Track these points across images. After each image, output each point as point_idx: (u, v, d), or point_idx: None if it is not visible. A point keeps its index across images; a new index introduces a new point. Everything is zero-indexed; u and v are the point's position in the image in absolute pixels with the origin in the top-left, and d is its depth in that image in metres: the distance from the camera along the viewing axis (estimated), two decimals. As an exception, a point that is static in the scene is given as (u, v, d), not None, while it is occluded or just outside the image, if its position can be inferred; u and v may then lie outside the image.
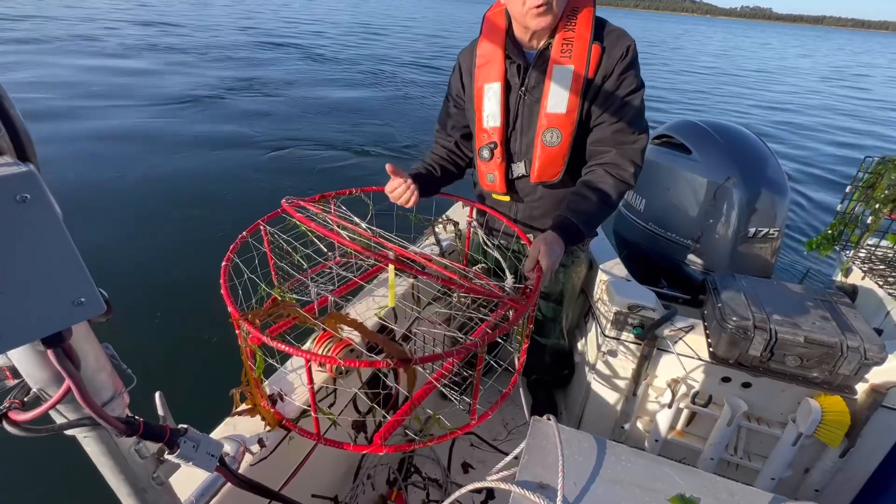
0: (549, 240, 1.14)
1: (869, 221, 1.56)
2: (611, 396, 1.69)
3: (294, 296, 1.26)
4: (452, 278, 1.00)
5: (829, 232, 1.70)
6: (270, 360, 1.01)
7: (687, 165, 2.07)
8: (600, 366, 1.65)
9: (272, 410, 1.01)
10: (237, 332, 1.01)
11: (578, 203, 1.21)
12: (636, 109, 1.20)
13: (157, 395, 0.59)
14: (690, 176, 2.05)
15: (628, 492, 0.75)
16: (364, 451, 0.96)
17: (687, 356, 1.46)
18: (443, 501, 1.67)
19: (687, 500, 0.74)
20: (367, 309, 1.43)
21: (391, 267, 1.16)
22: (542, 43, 1.22)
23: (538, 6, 1.11)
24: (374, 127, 7.84)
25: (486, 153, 1.37)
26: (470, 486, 0.82)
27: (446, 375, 1.09)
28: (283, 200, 1.26)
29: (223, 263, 1.06)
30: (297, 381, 1.15)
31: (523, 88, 1.27)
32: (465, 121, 1.45)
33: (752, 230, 1.92)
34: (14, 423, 0.44)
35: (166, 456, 0.54)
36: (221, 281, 1.00)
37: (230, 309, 0.94)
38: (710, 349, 1.30)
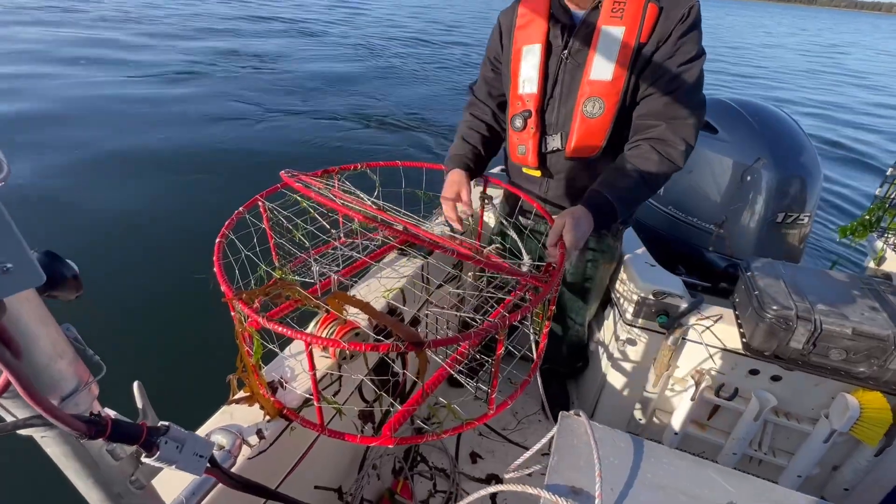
0: (577, 214, 1.04)
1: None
2: (628, 387, 1.61)
3: (296, 277, 1.17)
4: (468, 253, 0.91)
5: (867, 217, 1.58)
6: (270, 345, 0.93)
7: (713, 146, 1.95)
8: (618, 355, 1.57)
9: (272, 399, 0.92)
10: (232, 313, 0.92)
11: (616, 178, 1.10)
12: (693, 80, 1.07)
13: (135, 385, 0.50)
14: (716, 157, 1.93)
15: (673, 499, 0.66)
16: (372, 444, 0.88)
17: (714, 346, 1.37)
18: (450, 491, 1.61)
19: (739, 510, 0.66)
20: (374, 291, 1.34)
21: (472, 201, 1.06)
22: (591, 2, 1.10)
23: None
24: (366, 100, 7.66)
25: (518, 122, 1.25)
26: (493, 489, 0.74)
27: (460, 361, 1.00)
28: (283, 173, 1.16)
29: (217, 240, 0.96)
30: (298, 367, 1.07)
31: (566, 52, 1.14)
32: (501, 87, 1.34)
33: (781, 215, 1.81)
34: (-57, 423, 0.35)
35: (144, 459, 0.46)
36: (215, 258, 0.91)
37: (223, 288, 0.85)
38: (744, 340, 1.21)
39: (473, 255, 0.90)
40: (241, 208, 1.08)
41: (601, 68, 1.10)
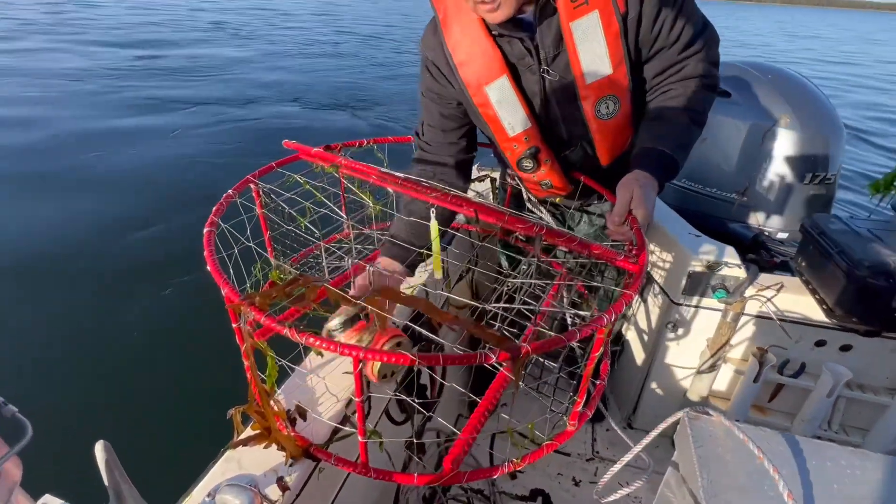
0: (642, 182, 0.85)
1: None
2: (676, 374, 1.45)
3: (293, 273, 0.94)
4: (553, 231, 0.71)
5: (901, 170, 1.49)
6: (283, 361, 0.70)
7: (727, 110, 1.83)
8: (665, 339, 1.40)
9: (293, 435, 0.70)
10: (235, 325, 0.69)
11: (661, 128, 0.92)
12: (693, 10, 0.90)
13: (97, 447, 0.28)
14: (731, 121, 1.82)
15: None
16: (435, 483, 0.67)
17: (783, 319, 1.23)
18: None
19: (976, 522, 0.49)
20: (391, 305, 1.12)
21: (433, 224, 0.85)
22: (535, 1, 0.86)
23: (482, 4, 0.81)
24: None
25: (529, 164, 1.02)
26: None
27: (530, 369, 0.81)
28: (285, 143, 0.93)
29: (206, 230, 0.74)
30: (319, 388, 0.84)
31: (543, 67, 0.92)
32: (457, 120, 1.05)
33: (808, 176, 1.71)
34: None
35: None
36: (206, 254, 0.68)
37: (225, 291, 0.62)
38: (827, 306, 1.06)
39: (563, 234, 0.71)
40: (230, 190, 0.85)
41: (595, 65, 0.90)
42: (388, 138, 1.17)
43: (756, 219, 1.81)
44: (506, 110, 0.96)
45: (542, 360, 0.89)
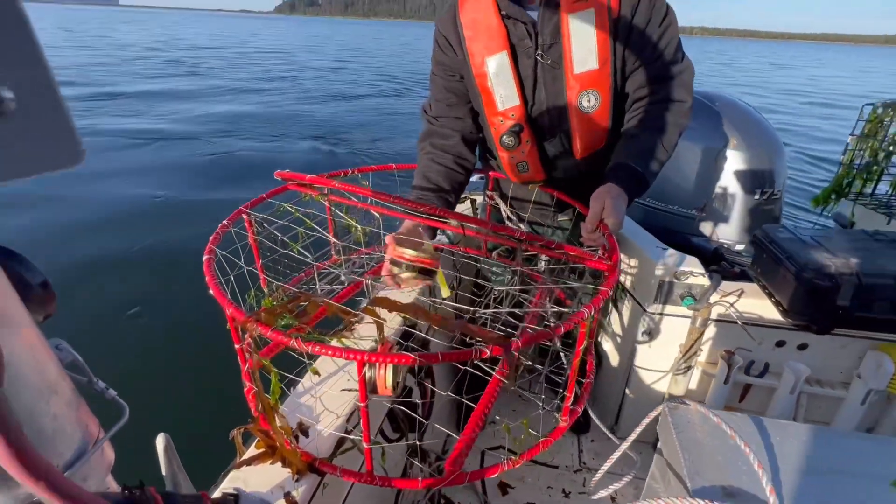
0: (613, 192, 0.95)
1: (879, 167, 1.53)
2: (653, 379, 1.52)
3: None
4: (522, 239, 0.78)
5: (837, 185, 1.67)
6: (290, 376, 0.73)
7: (684, 134, 2.00)
8: (641, 346, 1.48)
9: (298, 450, 0.72)
10: (237, 346, 0.71)
11: (637, 147, 1.03)
12: (676, 35, 1.04)
13: (158, 439, 0.31)
14: (688, 144, 1.98)
15: (850, 483, 0.55)
16: (438, 486, 0.70)
17: (743, 322, 1.33)
18: None
19: (914, 479, 0.56)
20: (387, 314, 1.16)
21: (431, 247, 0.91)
22: None
23: None
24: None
25: (509, 140, 1.11)
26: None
27: (517, 369, 0.86)
28: (277, 173, 0.98)
29: (205, 257, 0.77)
30: (317, 406, 0.86)
31: (538, 51, 1.04)
32: (463, 95, 1.16)
33: (757, 192, 1.88)
34: None
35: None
36: (208, 279, 0.71)
37: (229, 311, 0.65)
38: (782, 307, 1.17)
39: (519, 239, 0.77)
40: (225, 221, 0.88)
41: (584, 58, 1.01)
42: (371, 167, 1.23)
43: (715, 232, 1.96)
44: (500, 84, 1.07)
45: (530, 363, 0.94)
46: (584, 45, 1.00)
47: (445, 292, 0.90)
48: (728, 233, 1.92)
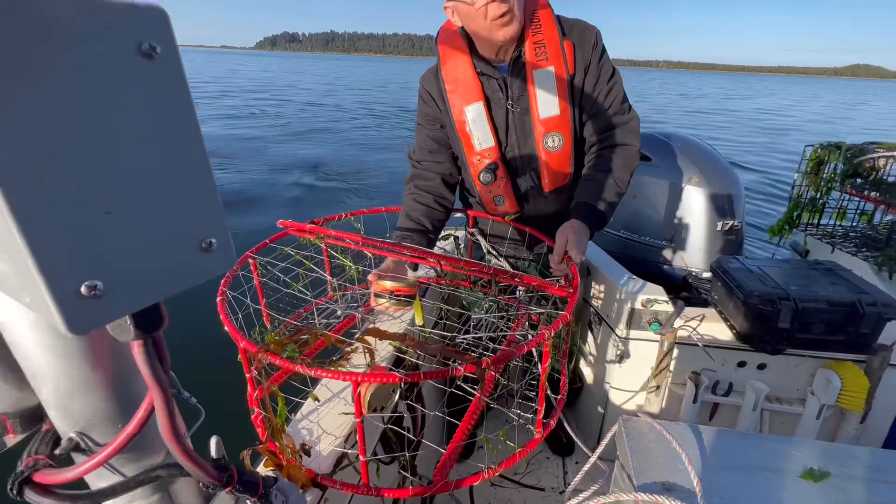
0: (576, 228, 1.10)
1: (820, 202, 1.71)
2: (630, 400, 1.63)
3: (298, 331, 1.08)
4: (491, 273, 0.91)
5: (787, 217, 1.84)
6: (297, 399, 0.83)
7: (650, 171, 2.18)
8: (617, 370, 1.59)
9: (303, 468, 0.81)
10: (248, 375, 0.82)
11: (594, 187, 1.19)
12: (622, 91, 1.22)
13: (212, 440, 0.42)
14: (655, 181, 2.16)
15: (760, 477, 0.66)
16: (428, 494, 0.79)
17: (705, 345, 1.45)
18: None
19: (819, 473, 0.68)
20: (378, 342, 1.27)
21: (411, 276, 1.03)
22: (511, 53, 1.18)
23: (501, 16, 1.07)
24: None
25: (486, 177, 1.27)
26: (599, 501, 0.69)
27: (495, 387, 0.96)
28: (280, 222, 1.11)
29: (218, 298, 0.88)
30: (315, 430, 0.96)
31: (509, 101, 1.22)
32: (445, 142, 1.33)
33: (719, 224, 2.04)
34: (46, 491, 0.26)
35: (257, 518, 0.37)
36: (223, 318, 0.82)
37: (242, 344, 0.76)
38: (735, 330, 1.30)
39: (484, 272, 0.90)
40: (234, 266, 1.00)
41: (547, 106, 1.19)
42: (363, 210, 1.37)
43: (684, 262, 2.11)
44: (477, 128, 1.24)
45: (506, 382, 1.04)
46: (546, 95, 1.18)
47: (419, 320, 1.02)
48: (695, 261, 2.07)
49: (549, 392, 0.88)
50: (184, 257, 0.22)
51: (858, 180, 1.57)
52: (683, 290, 2.02)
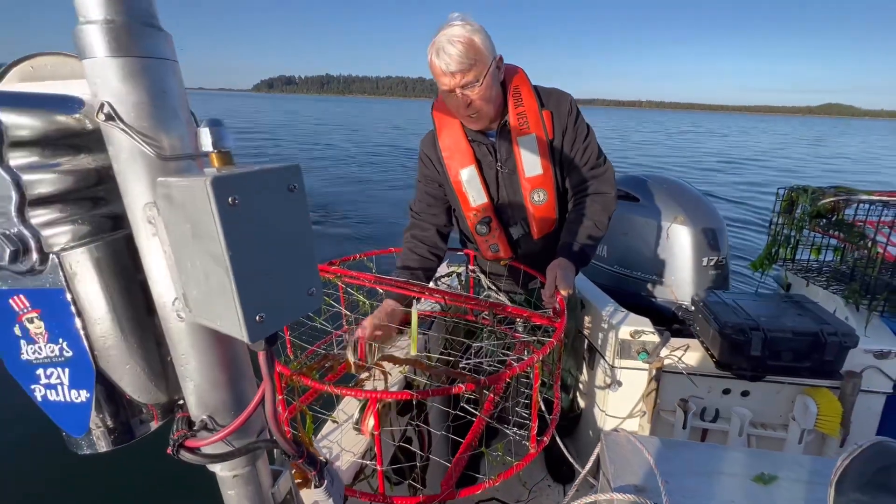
0: (563, 266, 1.25)
1: (794, 240, 1.86)
2: (624, 426, 1.72)
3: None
4: (485, 306, 1.05)
5: (766, 253, 1.98)
6: (326, 415, 0.95)
7: (638, 211, 2.35)
8: (611, 398, 1.70)
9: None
10: (280, 396, 0.95)
11: (576, 230, 1.35)
12: (596, 147, 1.41)
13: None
14: (642, 220, 2.33)
15: (716, 480, 0.78)
16: (435, 502, 0.90)
17: (689, 373, 1.57)
18: None
19: (768, 477, 0.79)
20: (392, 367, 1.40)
21: (414, 312, 1.17)
22: (497, 123, 1.37)
23: (468, 115, 1.28)
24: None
25: (482, 229, 1.46)
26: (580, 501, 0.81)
27: (496, 406, 1.08)
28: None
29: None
30: (335, 447, 1.08)
31: (499, 164, 1.40)
32: (443, 197, 1.51)
33: (705, 259, 2.19)
34: (192, 451, 0.40)
35: (313, 489, 0.50)
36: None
37: (278, 369, 0.90)
38: (714, 359, 1.42)
39: (479, 305, 1.04)
40: None
41: (532, 167, 1.37)
42: (374, 251, 1.53)
43: (674, 295, 2.24)
44: (471, 188, 1.41)
45: (506, 403, 1.16)
46: (530, 157, 1.37)
47: (414, 350, 1.16)
48: (684, 294, 2.20)
49: (543, 412, 1.01)
50: (299, 299, 0.37)
51: (823, 220, 1.73)
52: (675, 322, 2.13)
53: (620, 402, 1.69)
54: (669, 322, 2.11)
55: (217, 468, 0.46)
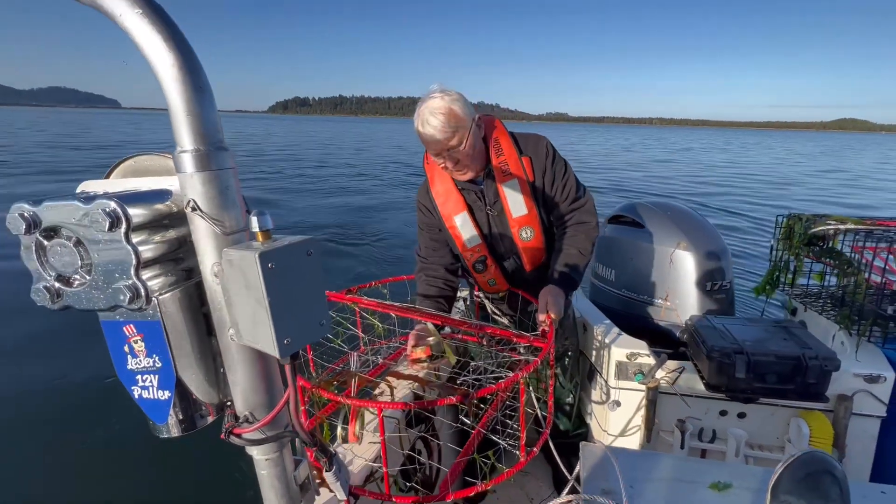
0: (553, 291, 1.39)
1: (794, 266, 1.93)
2: (621, 444, 1.79)
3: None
4: (492, 332, 1.19)
5: (768, 278, 2.05)
6: (342, 425, 1.11)
7: (642, 237, 2.45)
8: (612, 418, 1.78)
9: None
10: (303, 407, 1.12)
11: (563, 258, 1.49)
12: (574, 181, 1.56)
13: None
14: (647, 245, 2.42)
15: (673, 486, 0.89)
16: (430, 501, 1.03)
17: (684, 395, 1.65)
18: None
19: (723, 485, 0.89)
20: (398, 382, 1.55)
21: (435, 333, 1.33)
22: (483, 172, 1.53)
23: (456, 171, 1.45)
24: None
25: (479, 266, 1.63)
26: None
27: (492, 419, 1.21)
28: (327, 293, 1.45)
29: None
30: (348, 454, 1.23)
31: (488, 208, 1.56)
32: (445, 243, 1.67)
33: (709, 284, 2.25)
34: (238, 437, 0.57)
35: (325, 473, 0.65)
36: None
37: (300, 383, 1.07)
38: (704, 381, 1.50)
39: (477, 330, 1.19)
40: None
41: (517, 207, 1.53)
42: (389, 279, 1.70)
43: (679, 318, 2.31)
44: (465, 232, 1.57)
45: (500, 416, 1.28)
46: (515, 199, 1.52)
47: (452, 360, 1.30)
48: (690, 319, 2.27)
49: (542, 421, 1.13)
50: (314, 328, 0.54)
51: (816, 248, 1.79)
52: (681, 345, 2.20)
53: (621, 421, 1.77)
54: (676, 345, 2.18)
55: (254, 451, 0.62)
